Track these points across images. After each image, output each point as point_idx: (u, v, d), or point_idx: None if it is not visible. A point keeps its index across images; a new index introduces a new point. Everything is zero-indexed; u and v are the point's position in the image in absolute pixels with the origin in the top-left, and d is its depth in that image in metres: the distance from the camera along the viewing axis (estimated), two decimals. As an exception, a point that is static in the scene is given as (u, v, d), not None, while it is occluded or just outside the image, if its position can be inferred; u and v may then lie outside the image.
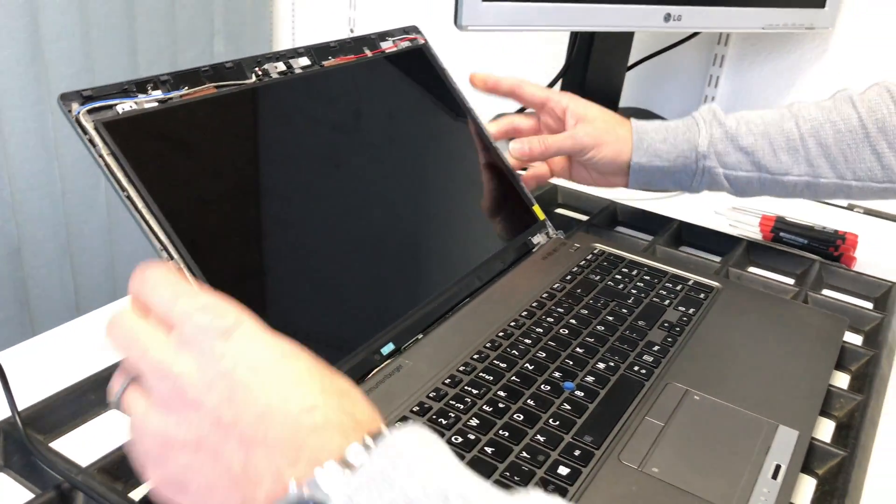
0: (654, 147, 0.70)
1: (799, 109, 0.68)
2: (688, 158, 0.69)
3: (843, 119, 0.65)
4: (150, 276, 0.35)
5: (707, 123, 0.69)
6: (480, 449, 0.44)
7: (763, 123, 0.68)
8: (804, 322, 0.61)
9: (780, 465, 0.45)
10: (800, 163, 0.67)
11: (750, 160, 0.68)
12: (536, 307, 0.59)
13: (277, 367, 0.31)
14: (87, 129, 0.45)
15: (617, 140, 0.71)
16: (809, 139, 0.66)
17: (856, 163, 0.65)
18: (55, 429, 0.47)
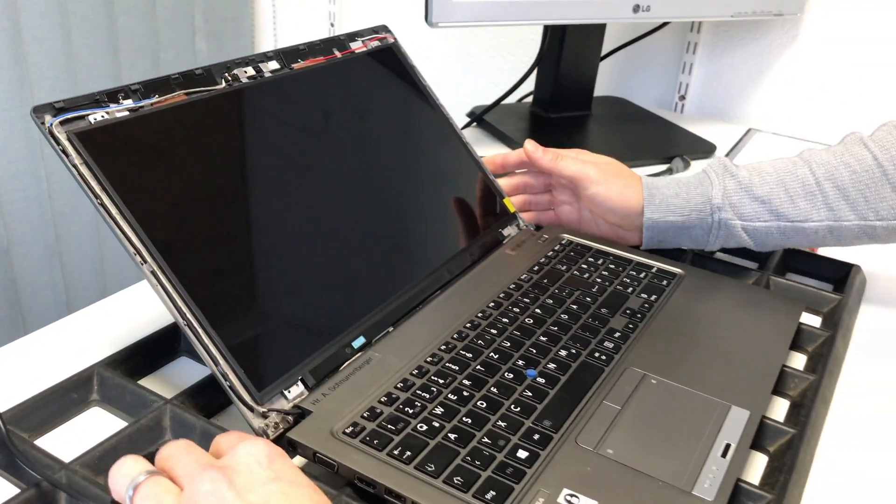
0: (666, 202, 0.68)
1: (811, 155, 0.66)
2: (703, 212, 0.67)
3: (858, 160, 0.64)
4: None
5: (719, 176, 0.68)
6: (444, 436, 0.47)
7: (776, 172, 0.66)
8: (762, 306, 0.63)
9: (729, 443, 0.48)
10: (819, 208, 0.65)
11: (767, 209, 0.66)
12: (503, 298, 0.62)
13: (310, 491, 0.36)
14: (60, 140, 0.47)
15: (625, 185, 0.69)
16: (826, 183, 0.64)
17: (877, 202, 0.64)
18: (40, 427, 0.50)
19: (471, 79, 1.40)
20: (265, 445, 0.37)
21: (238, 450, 0.37)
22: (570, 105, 1.11)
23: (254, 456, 0.36)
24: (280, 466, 0.36)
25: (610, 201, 0.69)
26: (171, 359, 0.58)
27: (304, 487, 0.36)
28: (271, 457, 0.37)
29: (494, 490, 0.43)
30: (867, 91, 1.10)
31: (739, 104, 1.20)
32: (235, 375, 0.47)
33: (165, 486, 0.36)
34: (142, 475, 0.36)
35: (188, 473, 0.36)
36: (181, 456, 0.37)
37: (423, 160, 0.71)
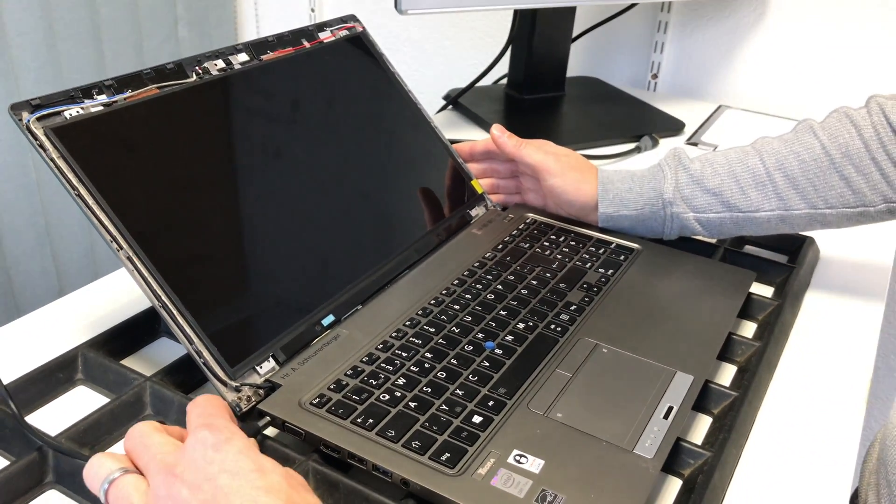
0: (620, 196, 0.70)
1: (762, 145, 0.68)
2: (655, 206, 0.69)
3: (806, 149, 0.65)
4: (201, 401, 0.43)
5: (672, 169, 0.69)
6: (405, 404, 0.50)
7: (728, 163, 0.68)
8: (714, 278, 0.67)
9: (672, 406, 0.51)
10: (770, 198, 0.66)
11: (719, 201, 0.67)
12: (467, 275, 0.65)
13: (252, 476, 0.38)
14: (38, 136, 0.50)
15: (581, 179, 0.72)
16: (776, 173, 0.66)
17: (825, 190, 0.65)
18: (28, 404, 0.53)
19: (450, 61, 1.42)
20: (210, 435, 0.39)
21: (187, 442, 0.39)
22: (544, 86, 1.14)
23: (199, 450, 0.39)
24: (224, 456, 0.38)
25: (567, 194, 0.72)
26: (152, 340, 0.61)
27: (247, 475, 0.38)
28: (216, 446, 0.39)
29: (449, 452, 0.46)
30: (834, 66, 1.13)
31: (710, 81, 1.23)
32: (209, 353, 0.51)
33: (136, 484, 0.39)
34: (116, 472, 0.39)
35: (148, 471, 0.39)
36: (140, 451, 0.40)
37: (392, 145, 0.74)
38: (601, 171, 0.72)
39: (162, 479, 0.38)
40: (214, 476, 0.37)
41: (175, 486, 0.37)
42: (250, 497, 0.37)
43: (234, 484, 0.37)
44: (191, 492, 0.37)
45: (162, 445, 0.40)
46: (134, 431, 0.41)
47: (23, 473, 0.46)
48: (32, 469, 0.47)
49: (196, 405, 0.42)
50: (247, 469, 0.38)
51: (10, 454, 0.49)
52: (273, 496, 0.37)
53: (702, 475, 0.48)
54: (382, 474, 0.45)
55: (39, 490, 0.47)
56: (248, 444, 0.40)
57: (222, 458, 0.38)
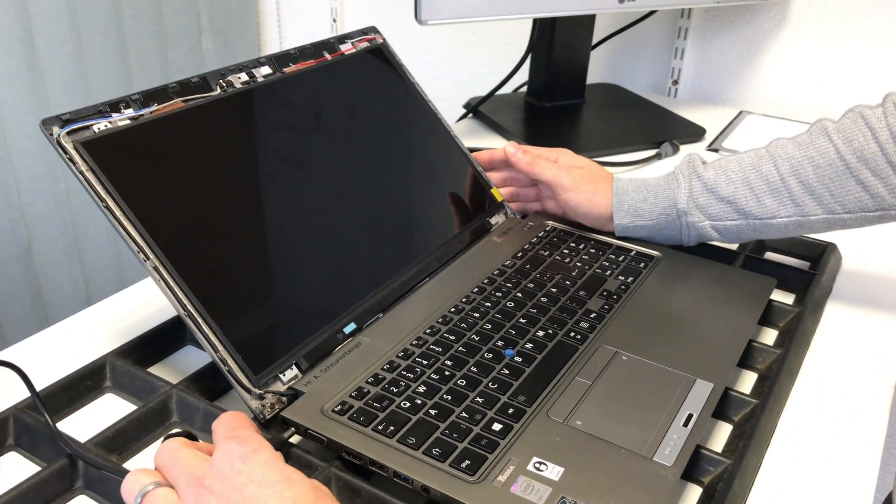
0: (635, 207, 0.70)
1: (776, 149, 0.66)
2: (669, 216, 0.69)
3: (821, 154, 0.64)
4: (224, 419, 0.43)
5: (686, 178, 0.69)
6: (425, 412, 0.51)
7: (741, 170, 0.67)
8: (735, 285, 0.67)
9: (692, 413, 0.52)
10: (785, 204, 0.65)
11: (734, 209, 0.67)
12: (487, 283, 0.65)
13: (279, 487, 0.38)
14: (68, 150, 0.52)
15: (595, 192, 0.72)
16: (790, 179, 0.65)
17: (842, 195, 0.63)
18: (58, 411, 0.54)
19: (470, 70, 1.43)
20: (237, 447, 0.40)
21: (215, 455, 0.40)
22: (564, 93, 1.14)
23: (227, 462, 0.39)
24: (252, 467, 0.39)
25: (581, 207, 0.73)
26: (178, 348, 0.62)
27: (274, 486, 0.38)
28: (243, 457, 0.39)
29: (469, 459, 0.47)
30: (855, 71, 1.12)
31: (731, 87, 1.22)
32: (234, 361, 0.52)
33: (167, 497, 0.39)
34: (149, 485, 0.40)
35: (178, 484, 0.40)
36: (170, 465, 0.40)
37: (412, 154, 0.75)
38: (616, 182, 0.72)
39: (192, 491, 0.39)
40: (242, 487, 0.38)
41: (204, 497, 0.38)
42: None
43: (261, 494, 0.38)
44: (219, 502, 0.38)
45: (191, 459, 0.40)
46: (164, 447, 0.42)
47: (53, 479, 0.47)
48: (63, 475, 0.48)
49: (222, 421, 0.43)
50: (274, 480, 0.39)
51: (41, 460, 0.50)
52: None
53: (722, 483, 0.48)
54: (403, 481, 0.46)
55: (69, 496, 0.48)
56: (275, 456, 0.41)
57: (250, 469, 0.39)
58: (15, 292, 1.31)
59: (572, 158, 0.75)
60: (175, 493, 0.40)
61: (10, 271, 1.29)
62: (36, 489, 0.46)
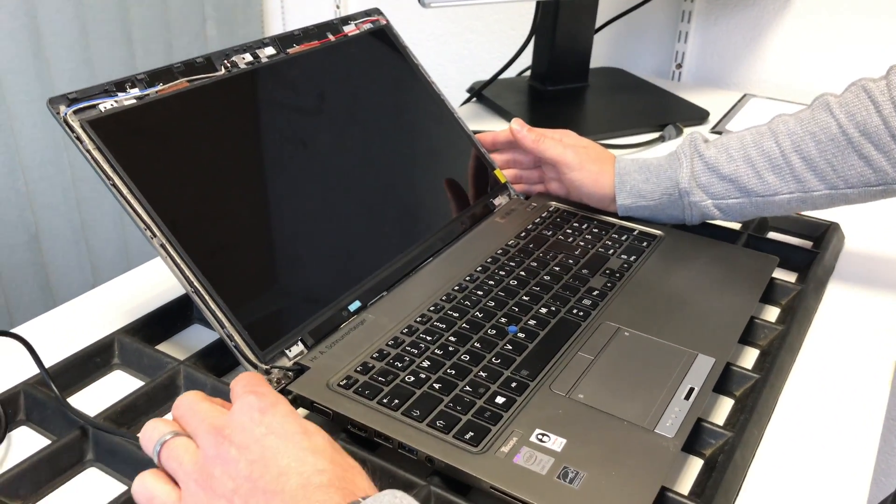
0: (637, 188, 0.71)
1: (777, 125, 0.66)
2: (672, 195, 0.69)
3: (823, 129, 0.63)
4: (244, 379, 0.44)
5: (688, 158, 0.69)
6: (429, 385, 0.51)
7: (743, 147, 0.67)
8: (737, 263, 0.67)
9: (693, 387, 0.52)
10: (787, 181, 0.65)
11: (735, 187, 0.67)
12: (491, 262, 0.66)
13: (298, 438, 0.39)
14: (74, 128, 0.52)
15: (600, 172, 0.72)
16: (792, 155, 0.64)
17: (845, 170, 0.63)
18: (67, 387, 0.55)
19: (474, 54, 1.43)
20: (256, 400, 0.40)
21: (234, 407, 0.41)
22: (567, 77, 1.14)
23: (246, 413, 0.40)
24: (271, 419, 0.40)
25: (585, 187, 0.73)
26: (185, 326, 0.63)
27: (293, 437, 0.39)
28: (262, 409, 0.40)
29: (473, 431, 0.47)
30: (860, 53, 1.12)
31: (735, 70, 1.22)
32: (241, 337, 0.52)
33: (186, 446, 0.40)
34: (168, 434, 0.41)
35: (197, 434, 0.40)
36: (189, 416, 0.41)
37: (416, 135, 0.75)
38: (618, 163, 0.72)
39: (211, 440, 0.39)
40: (262, 437, 0.39)
41: (224, 446, 0.39)
42: (297, 457, 0.38)
43: (280, 444, 0.38)
44: (239, 451, 0.38)
45: (210, 410, 0.41)
46: (182, 399, 0.42)
47: (65, 451, 0.48)
48: (74, 447, 0.49)
49: (240, 379, 0.43)
50: (293, 431, 0.39)
51: (51, 433, 0.51)
52: (318, 456, 0.38)
53: (723, 455, 0.49)
54: (408, 452, 0.47)
55: (80, 467, 0.49)
56: (293, 410, 0.41)
57: (269, 420, 0.40)
58: (23, 279, 1.32)
59: (576, 139, 0.76)
60: (193, 443, 0.40)
61: (18, 258, 1.30)
62: (47, 461, 0.47)
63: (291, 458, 0.38)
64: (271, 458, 0.38)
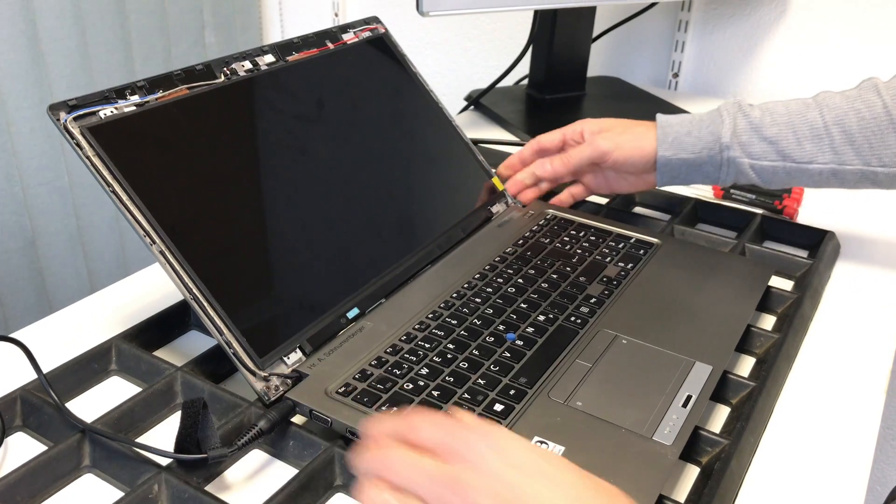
0: (679, 140, 0.71)
1: (824, 98, 0.68)
2: (712, 150, 0.70)
3: (868, 107, 0.66)
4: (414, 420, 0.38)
5: (731, 115, 0.70)
6: (428, 393, 0.51)
7: (787, 113, 0.68)
8: (733, 271, 0.67)
9: (691, 395, 0.52)
10: (825, 151, 0.67)
11: (775, 149, 0.68)
12: (489, 270, 0.66)
13: (545, 470, 0.35)
14: (74, 135, 0.52)
15: (635, 137, 0.72)
16: (834, 127, 0.67)
17: (881, 149, 0.66)
18: (65, 394, 0.55)
19: (472, 62, 1.43)
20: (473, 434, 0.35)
21: (451, 446, 0.35)
22: (565, 86, 1.15)
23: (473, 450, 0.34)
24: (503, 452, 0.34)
25: (630, 160, 0.73)
26: (183, 332, 0.63)
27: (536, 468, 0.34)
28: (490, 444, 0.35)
29: (471, 439, 0.47)
30: (857, 64, 1.13)
31: (732, 80, 1.23)
32: (239, 344, 0.52)
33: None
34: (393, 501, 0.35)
35: (425, 489, 0.35)
36: (401, 472, 0.35)
37: (414, 143, 0.75)
38: (660, 117, 0.73)
39: (449, 491, 0.34)
40: (502, 473, 0.34)
41: (470, 496, 0.34)
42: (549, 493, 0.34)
43: (527, 482, 0.34)
44: (490, 498, 0.33)
45: (421, 459, 0.35)
46: (375, 456, 0.37)
47: (62, 457, 0.48)
48: (71, 453, 0.48)
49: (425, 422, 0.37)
50: (531, 461, 0.35)
51: (48, 439, 0.51)
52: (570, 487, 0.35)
53: (719, 462, 0.49)
54: (406, 459, 0.47)
55: (77, 473, 0.49)
56: (517, 436, 0.37)
57: (501, 452, 0.35)
58: (19, 285, 1.32)
59: (596, 124, 0.75)
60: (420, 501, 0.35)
61: (14, 264, 1.30)
62: (44, 467, 0.47)
63: (544, 494, 0.34)
64: (518, 497, 0.33)
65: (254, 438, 0.48)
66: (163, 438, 0.52)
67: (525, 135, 1.01)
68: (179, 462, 0.47)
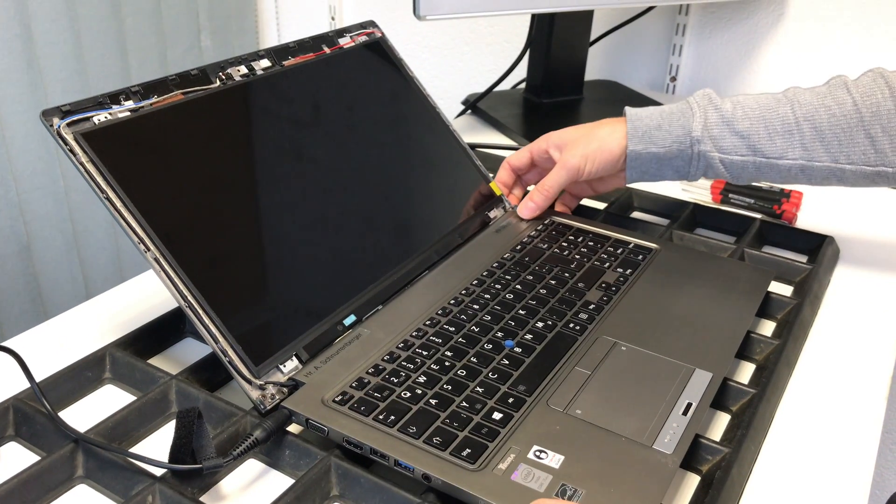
0: (649, 134, 0.71)
1: (795, 94, 0.69)
2: (682, 144, 0.70)
3: (838, 104, 0.66)
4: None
5: (702, 108, 0.70)
6: (426, 401, 0.51)
7: (759, 108, 0.68)
8: (733, 276, 0.67)
9: (691, 402, 0.52)
10: (795, 147, 0.67)
11: (746, 144, 0.68)
12: (487, 276, 0.66)
13: None
14: (68, 141, 0.52)
15: (601, 142, 0.72)
16: (804, 123, 0.67)
17: (849, 146, 0.66)
18: (58, 402, 0.54)
19: (469, 66, 1.43)
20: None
21: None
22: (562, 90, 1.14)
23: None
24: None
25: (603, 167, 0.72)
26: (177, 340, 0.62)
27: None
28: None
29: (470, 448, 0.47)
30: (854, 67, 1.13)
31: (729, 83, 1.23)
32: (234, 352, 0.52)
33: None
34: None
35: None
36: None
37: (411, 148, 0.75)
38: (629, 110, 0.73)
39: None
40: None
41: None
42: None
43: None
44: None
45: None
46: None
47: (55, 467, 0.47)
48: (64, 463, 0.48)
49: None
50: None
51: (41, 449, 0.50)
52: None
53: (720, 471, 0.48)
54: (404, 469, 0.46)
55: (70, 484, 0.48)
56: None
57: None
58: (14, 290, 1.31)
59: (559, 138, 0.75)
60: None
61: (9, 269, 1.29)
62: (37, 478, 0.46)
63: None
64: None
65: (249, 448, 0.48)
66: (157, 448, 0.51)
67: (522, 139, 1.01)
68: (174, 472, 0.47)
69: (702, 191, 0.88)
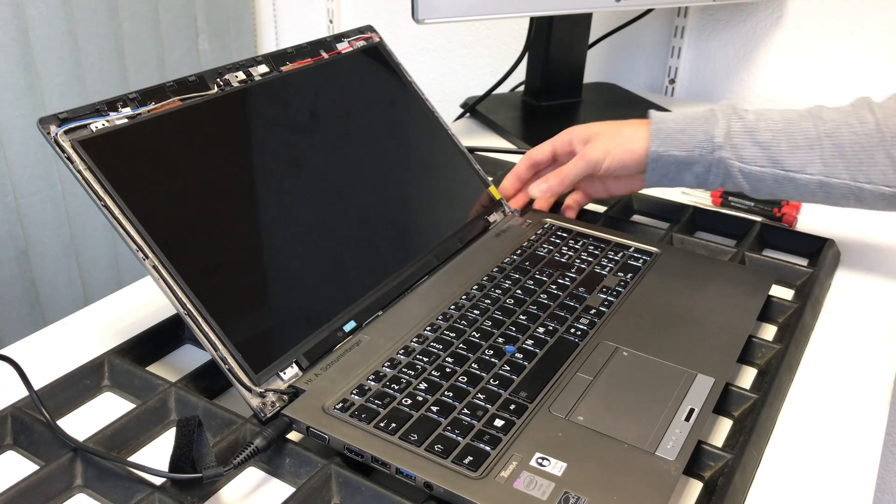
0: (672, 136, 0.71)
1: (818, 111, 0.69)
2: (704, 149, 0.70)
3: (861, 122, 0.67)
4: None
5: (726, 116, 0.70)
6: (427, 408, 0.50)
7: (782, 121, 0.69)
8: (733, 280, 0.67)
9: (693, 408, 0.51)
10: (815, 161, 0.67)
11: (766, 155, 0.68)
12: (487, 281, 0.65)
13: None
14: (65, 148, 0.51)
15: (624, 140, 0.72)
16: (826, 139, 0.67)
17: (870, 165, 0.66)
18: (56, 411, 0.54)
19: (467, 69, 1.43)
20: None
21: None
22: (561, 93, 1.14)
23: None
24: None
25: (623, 165, 0.72)
26: (176, 346, 0.62)
27: None
28: None
29: (472, 455, 0.47)
30: (853, 70, 1.13)
31: (728, 86, 1.22)
32: (234, 359, 0.51)
33: None
34: None
35: None
36: None
37: (410, 153, 0.75)
38: (654, 112, 0.73)
39: None
40: None
41: None
42: None
43: None
44: None
45: None
46: None
47: (54, 477, 0.47)
48: (63, 472, 0.47)
49: None
50: None
51: (39, 458, 0.50)
52: None
53: (722, 477, 0.48)
54: (405, 477, 0.46)
55: (69, 493, 0.48)
56: None
57: None
58: (12, 295, 1.30)
59: (584, 131, 0.75)
60: None
61: (7, 274, 1.29)
62: (35, 487, 0.46)
63: None
64: None
65: (250, 457, 0.47)
66: (157, 457, 0.51)
67: (521, 142, 1.00)
68: (174, 482, 0.46)
69: (703, 194, 0.88)
